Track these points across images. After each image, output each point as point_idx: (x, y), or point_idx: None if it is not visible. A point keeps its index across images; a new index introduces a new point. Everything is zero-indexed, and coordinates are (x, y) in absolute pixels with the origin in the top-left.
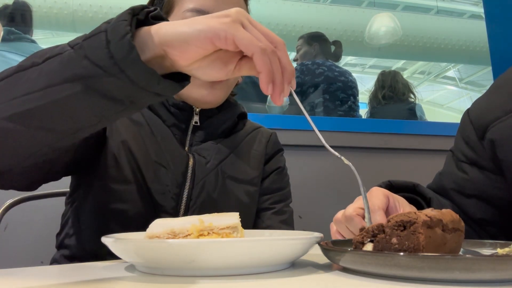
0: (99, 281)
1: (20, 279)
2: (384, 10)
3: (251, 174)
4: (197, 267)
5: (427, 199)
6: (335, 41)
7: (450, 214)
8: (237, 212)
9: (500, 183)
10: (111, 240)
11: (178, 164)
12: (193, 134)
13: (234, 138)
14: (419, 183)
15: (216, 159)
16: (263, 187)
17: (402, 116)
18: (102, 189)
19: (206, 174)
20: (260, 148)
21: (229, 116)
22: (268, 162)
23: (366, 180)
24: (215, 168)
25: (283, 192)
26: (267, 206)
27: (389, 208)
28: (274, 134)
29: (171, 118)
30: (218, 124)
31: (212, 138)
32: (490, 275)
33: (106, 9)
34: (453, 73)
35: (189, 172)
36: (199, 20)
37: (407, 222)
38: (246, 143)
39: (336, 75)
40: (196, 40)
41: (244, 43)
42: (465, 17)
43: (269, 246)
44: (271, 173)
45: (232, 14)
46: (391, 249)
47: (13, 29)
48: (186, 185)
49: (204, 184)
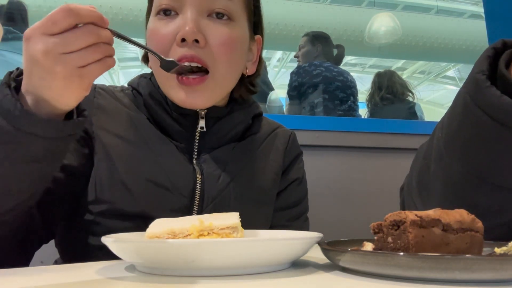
0: (99, 281)
1: (20, 279)
2: (384, 10)
3: (267, 191)
4: (197, 267)
5: None
6: (338, 45)
7: (459, 214)
8: (237, 212)
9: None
10: (111, 240)
11: (184, 183)
12: (201, 140)
13: (250, 142)
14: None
15: (228, 172)
16: (279, 201)
17: (402, 116)
18: (95, 223)
19: (217, 194)
20: (277, 157)
21: (242, 119)
22: (286, 172)
23: (366, 180)
24: (227, 186)
25: (301, 205)
26: (283, 223)
27: None
28: (292, 135)
29: (174, 126)
30: (229, 128)
31: (224, 144)
32: (490, 275)
33: (106, 9)
34: (453, 73)
35: (197, 192)
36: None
37: (399, 222)
38: (261, 152)
39: (334, 75)
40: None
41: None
42: (465, 17)
43: (269, 246)
44: (288, 185)
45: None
46: (387, 248)
47: (11, 28)
48: (194, 209)
49: (214, 207)
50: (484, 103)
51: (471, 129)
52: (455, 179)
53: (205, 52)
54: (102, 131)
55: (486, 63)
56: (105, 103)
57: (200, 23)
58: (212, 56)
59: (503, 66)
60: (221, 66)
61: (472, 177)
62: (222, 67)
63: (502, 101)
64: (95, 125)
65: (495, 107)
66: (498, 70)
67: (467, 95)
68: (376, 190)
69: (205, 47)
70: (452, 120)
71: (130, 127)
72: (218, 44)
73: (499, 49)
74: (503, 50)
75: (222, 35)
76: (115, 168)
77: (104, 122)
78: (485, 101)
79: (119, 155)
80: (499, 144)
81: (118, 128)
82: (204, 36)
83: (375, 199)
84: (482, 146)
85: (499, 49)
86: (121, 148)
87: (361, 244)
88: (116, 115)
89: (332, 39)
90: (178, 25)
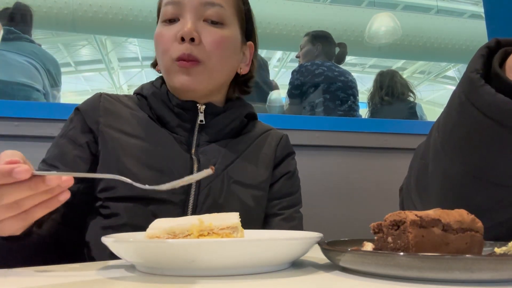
0: (99, 281)
1: (21, 279)
2: (384, 10)
3: (258, 179)
4: (197, 267)
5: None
6: (340, 43)
7: (459, 214)
8: (237, 212)
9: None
10: (111, 240)
11: (182, 170)
12: (200, 134)
13: (243, 140)
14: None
15: (223, 163)
16: (272, 192)
17: (402, 116)
18: (103, 207)
19: (212, 179)
20: (269, 152)
21: (237, 115)
22: (278, 166)
23: (366, 180)
24: (221, 173)
25: (293, 197)
26: (275, 211)
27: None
28: (285, 136)
29: (175, 120)
30: (225, 123)
31: (220, 139)
32: (490, 275)
33: (106, 9)
34: (453, 72)
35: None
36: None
37: (399, 222)
38: (255, 146)
39: (336, 75)
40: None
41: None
42: (465, 17)
43: (269, 246)
44: (280, 177)
45: None
46: (387, 248)
47: (12, 28)
48: (192, 192)
49: (210, 190)
50: (479, 101)
51: (467, 128)
52: (453, 178)
53: (199, 49)
54: (108, 128)
55: (480, 62)
56: (110, 106)
57: (196, 25)
58: (205, 51)
59: (497, 64)
60: (213, 59)
61: (470, 176)
62: (213, 59)
63: (497, 99)
64: (101, 124)
65: (490, 106)
66: (492, 69)
67: (462, 94)
68: (376, 190)
69: (200, 44)
70: (448, 120)
71: (133, 124)
72: (210, 42)
73: (493, 48)
74: (496, 49)
75: (214, 34)
76: (120, 158)
77: (109, 121)
78: (480, 100)
79: (123, 146)
80: (495, 142)
81: (122, 125)
82: (199, 35)
83: (375, 199)
84: (478, 144)
85: (493, 48)
86: (124, 140)
87: (361, 244)
88: (120, 115)
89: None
90: (178, 27)
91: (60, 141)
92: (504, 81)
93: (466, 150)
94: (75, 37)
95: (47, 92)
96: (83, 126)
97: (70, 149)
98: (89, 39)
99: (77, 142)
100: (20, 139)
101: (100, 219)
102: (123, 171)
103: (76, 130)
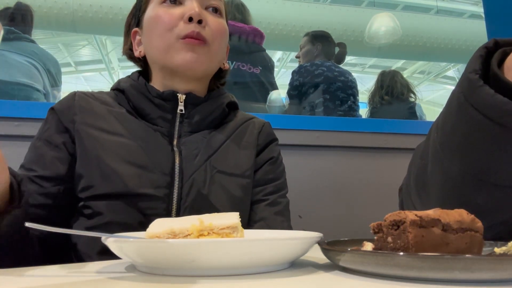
0: (99, 281)
1: (20, 279)
2: (384, 10)
3: (242, 167)
4: (197, 267)
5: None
6: (339, 43)
7: (458, 214)
8: (237, 212)
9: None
10: (111, 240)
11: (164, 163)
12: (181, 125)
13: (225, 129)
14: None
15: (205, 153)
16: (256, 179)
17: (402, 116)
18: (85, 207)
19: (194, 170)
20: (251, 139)
21: (218, 105)
22: (261, 153)
23: (366, 180)
24: (204, 163)
25: (277, 182)
26: (260, 197)
27: None
28: (267, 124)
29: (156, 111)
30: (206, 113)
31: (201, 129)
32: (490, 275)
33: (106, 9)
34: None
35: (177, 170)
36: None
37: (398, 222)
38: (237, 135)
39: (335, 75)
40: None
41: None
42: (465, 17)
43: (269, 246)
44: (263, 164)
45: None
46: (387, 248)
47: (13, 28)
48: (175, 185)
49: (193, 181)
50: (478, 102)
51: (466, 128)
52: (452, 179)
53: (205, 31)
54: (85, 126)
55: (479, 63)
56: (85, 104)
57: (202, 11)
58: (211, 34)
59: (495, 65)
60: (216, 43)
61: (469, 176)
62: (216, 44)
63: (496, 100)
64: (77, 122)
65: (489, 106)
66: (491, 69)
67: (461, 94)
68: (376, 190)
69: (205, 28)
70: (447, 120)
71: (110, 120)
72: (214, 29)
73: (491, 48)
74: (495, 49)
75: (218, 22)
76: (99, 156)
77: (86, 119)
78: (479, 100)
79: (101, 144)
80: (494, 142)
81: (99, 122)
82: (205, 20)
83: (375, 199)
84: (477, 145)
85: (491, 48)
86: (103, 138)
87: (361, 244)
88: (96, 112)
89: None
90: (185, 9)
91: (36, 144)
92: (503, 81)
93: (465, 151)
94: (75, 37)
95: (48, 92)
96: (58, 126)
97: (47, 150)
98: (89, 39)
99: (53, 143)
100: (20, 139)
101: (84, 220)
102: (103, 169)
103: (51, 130)
